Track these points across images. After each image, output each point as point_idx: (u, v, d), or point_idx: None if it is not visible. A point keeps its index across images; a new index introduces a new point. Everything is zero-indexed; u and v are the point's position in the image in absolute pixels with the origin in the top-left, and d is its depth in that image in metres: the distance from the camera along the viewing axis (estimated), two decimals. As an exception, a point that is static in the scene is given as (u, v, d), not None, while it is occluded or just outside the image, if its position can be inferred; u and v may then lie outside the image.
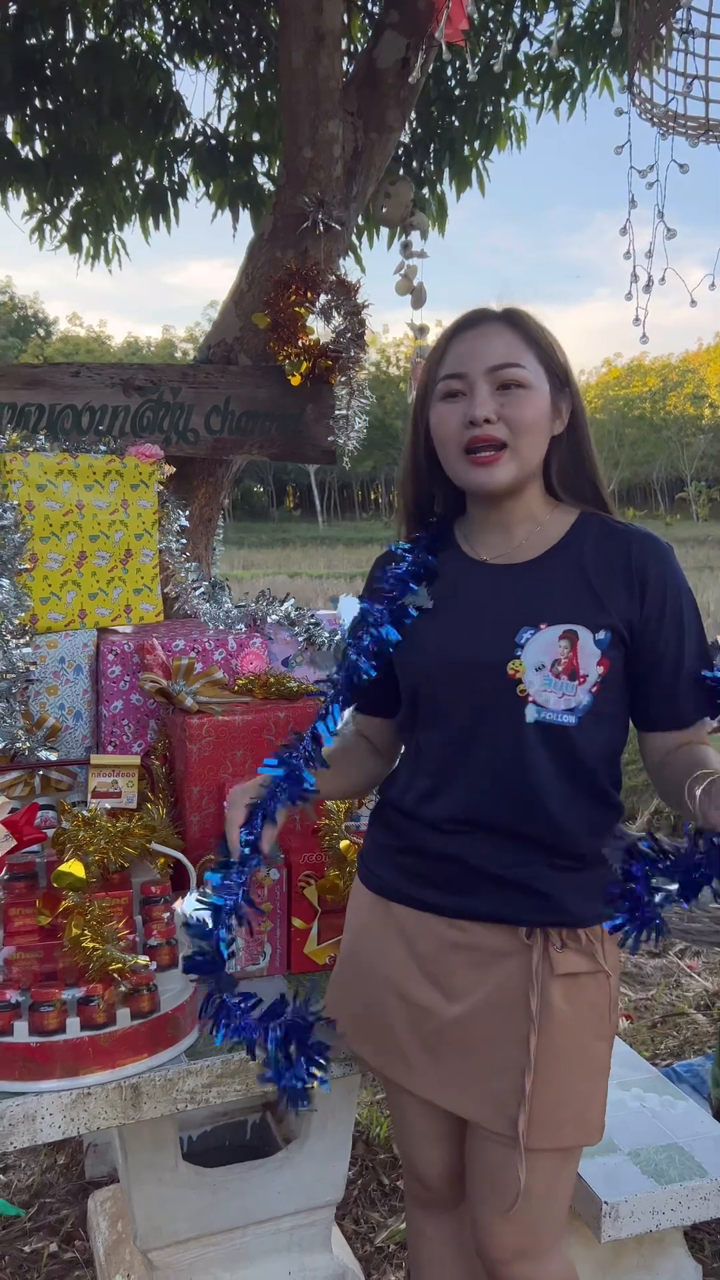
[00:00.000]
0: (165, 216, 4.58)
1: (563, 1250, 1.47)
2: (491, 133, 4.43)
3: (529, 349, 1.37)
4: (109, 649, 2.16)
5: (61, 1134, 1.52)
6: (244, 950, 1.86)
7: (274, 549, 30.39)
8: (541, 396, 1.36)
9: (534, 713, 1.33)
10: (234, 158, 4.27)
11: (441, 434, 1.40)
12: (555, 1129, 1.37)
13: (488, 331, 1.38)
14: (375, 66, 2.59)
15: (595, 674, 1.32)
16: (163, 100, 4.26)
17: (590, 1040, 1.38)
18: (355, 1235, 2.27)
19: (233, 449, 2.59)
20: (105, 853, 1.62)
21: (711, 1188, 1.85)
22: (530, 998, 1.35)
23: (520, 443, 1.36)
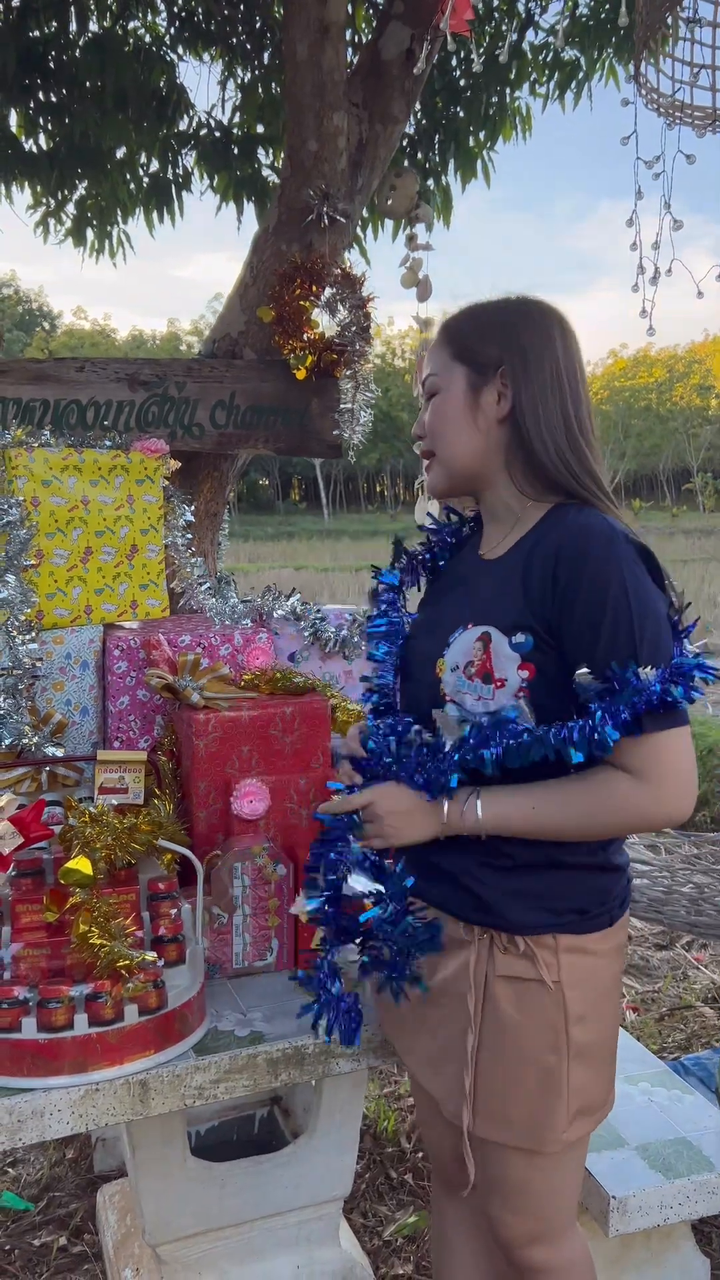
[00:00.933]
0: (169, 210, 4.58)
1: (576, 1230, 1.48)
2: (497, 123, 4.41)
3: (447, 350, 1.42)
4: (115, 645, 2.16)
5: (70, 1130, 1.52)
6: (251, 945, 1.86)
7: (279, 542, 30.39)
8: (452, 396, 1.41)
9: (454, 711, 1.32)
10: (238, 150, 4.26)
11: None
12: (504, 1125, 1.35)
13: (429, 352, 1.48)
14: (380, 58, 2.57)
15: (517, 679, 1.26)
16: (166, 93, 4.25)
17: (541, 1052, 1.33)
18: (363, 1229, 2.27)
19: (238, 443, 2.58)
20: (112, 849, 1.62)
21: (719, 1182, 1.85)
22: (468, 994, 1.35)
23: (437, 447, 1.44)
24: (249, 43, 4.26)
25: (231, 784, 1.94)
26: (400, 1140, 2.57)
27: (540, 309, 1.40)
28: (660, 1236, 1.97)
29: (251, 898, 1.84)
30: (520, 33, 4.24)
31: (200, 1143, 2.26)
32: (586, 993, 1.34)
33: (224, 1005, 1.76)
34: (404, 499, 57.92)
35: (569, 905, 1.34)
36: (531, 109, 4.48)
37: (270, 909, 1.85)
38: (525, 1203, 1.39)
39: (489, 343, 1.38)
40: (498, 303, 1.41)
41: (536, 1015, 1.32)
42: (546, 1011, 1.32)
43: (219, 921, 1.83)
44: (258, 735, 1.98)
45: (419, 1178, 2.44)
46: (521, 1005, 1.33)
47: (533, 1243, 1.42)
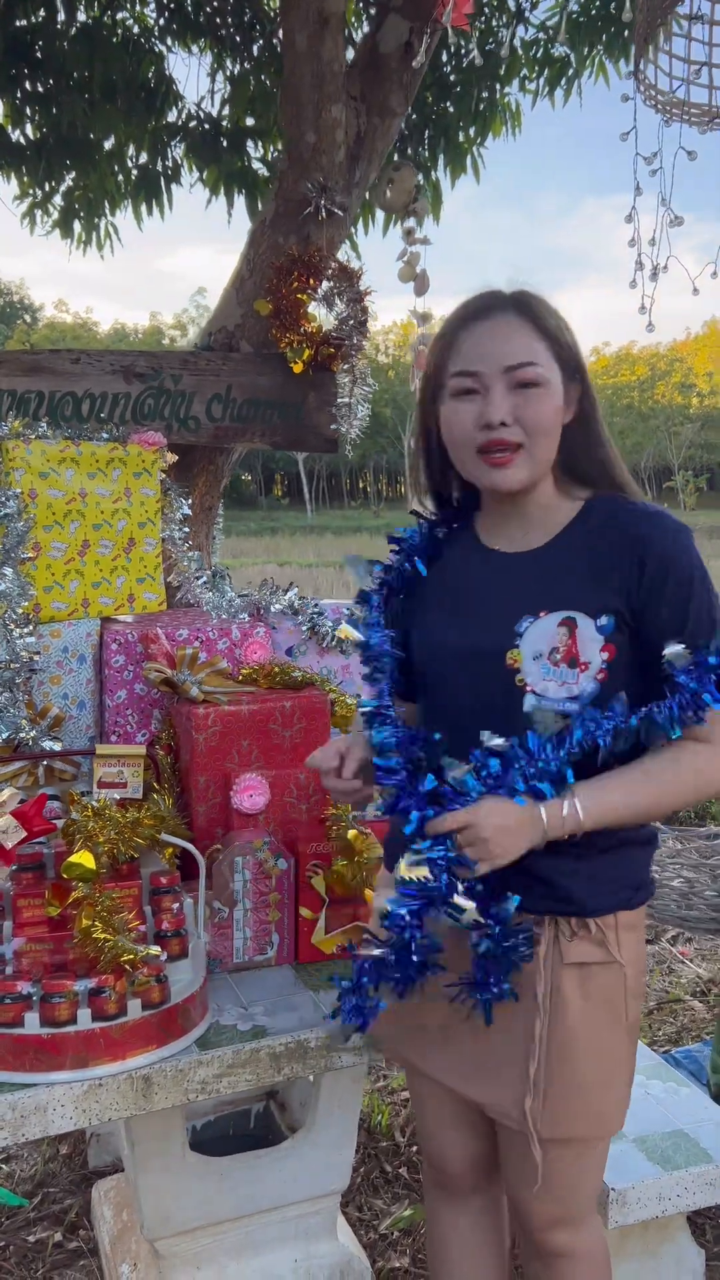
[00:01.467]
0: (159, 202, 4.55)
1: (597, 1217, 1.51)
2: (487, 119, 4.41)
3: (542, 341, 1.34)
4: (112, 638, 2.15)
5: (73, 1125, 1.52)
6: (251, 940, 1.86)
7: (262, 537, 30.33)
8: (555, 393, 1.35)
9: (532, 702, 1.32)
10: (227, 142, 4.24)
11: (455, 433, 1.38)
12: (567, 1119, 1.37)
13: (500, 325, 1.35)
14: (378, 50, 2.56)
15: (599, 660, 1.30)
16: (155, 84, 4.22)
17: (602, 1031, 1.37)
18: (359, 1222, 2.28)
19: (234, 437, 2.57)
20: (115, 843, 1.61)
21: (717, 1173, 1.86)
22: (537, 985, 1.35)
23: (535, 444, 1.35)
24: (238, 34, 4.23)
25: (231, 778, 1.93)
26: (394, 1134, 2.58)
27: None
28: (657, 1228, 1.98)
29: (252, 892, 1.84)
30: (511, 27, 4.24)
31: (196, 1138, 2.26)
32: (638, 968, 1.40)
33: (225, 999, 1.76)
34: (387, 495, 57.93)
35: (629, 882, 1.38)
36: (521, 105, 4.49)
37: (271, 903, 1.85)
38: (554, 1189, 1.41)
39: (570, 341, 1.37)
40: (550, 302, 1.39)
41: (600, 998, 1.36)
42: (610, 992, 1.36)
43: (219, 916, 1.83)
44: (257, 730, 1.98)
45: (413, 1171, 2.44)
46: (587, 990, 1.35)
47: (556, 1226, 1.44)
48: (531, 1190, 1.41)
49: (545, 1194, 1.42)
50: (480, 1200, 1.62)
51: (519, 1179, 1.45)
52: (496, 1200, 1.64)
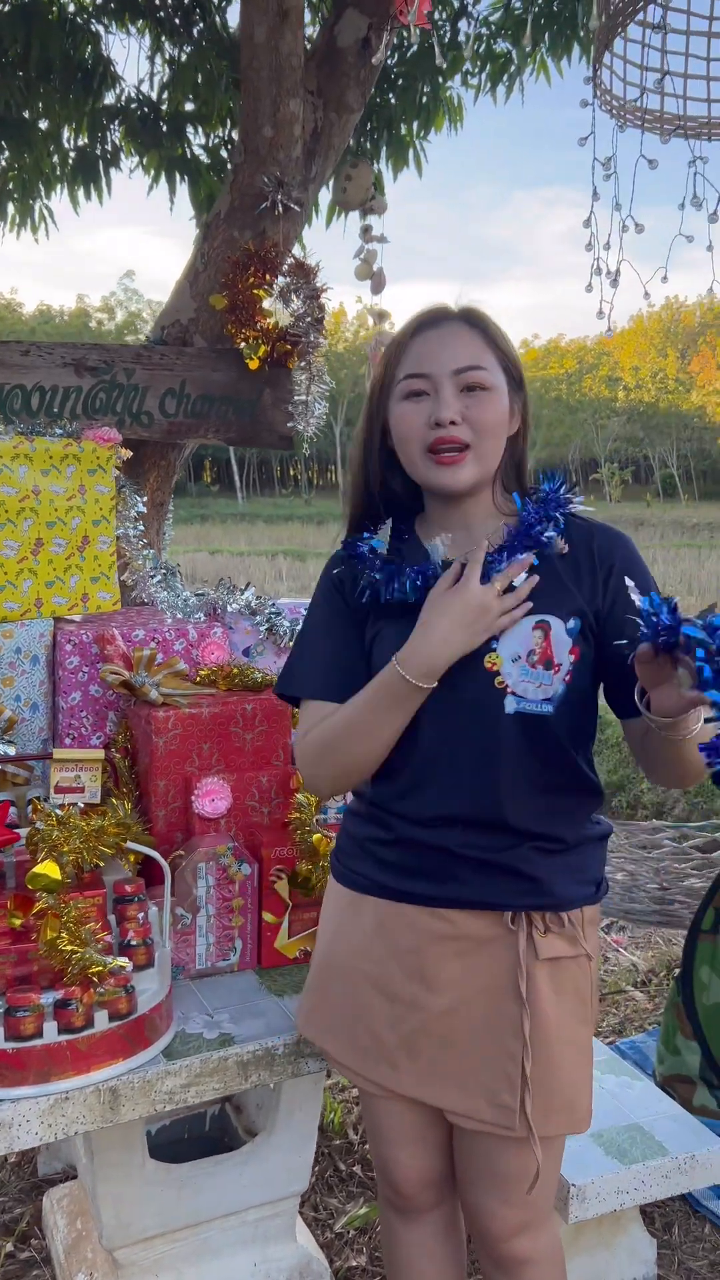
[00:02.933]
0: (96, 186, 4.46)
1: (555, 1219, 1.53)
2: (430, 113, 4.41)
3: (490, 351, 1.40)
4: (66, 639, 2.11)
5: (38, 1140, 1.49)
6: (214, 946, 1.84)
7: (192, 525, 29.97)
8: (502, 398, 1.39)
9: (513, 703, 1.35)
10: (167, 127, 4.17)
11: (403, 433, 1.41)
12: (545, 1115, 1.39)
13: (451, 332, 1.40)
14: (335, 45, 2.54)
15: (567, 662, 1.36)
16: (92, 64, 4.13)
17: (574, 1024, 1.41)
18: (315, 1222, 2.28)
19: (188, 433, 2.53)
20: (80, 852, 1.58)
21: (672, 1166, 1.91)
22: (519, 981, 1.36)
23: (483, 445, 1.38)
24: (178, 17, 4.16)
25: (192, 782, 1.91)
26: (347, 1132, 2.58)
27: None
28: (611, 1221, 2.02)
29: (216, 898, 1.82)
30: (452, 23, 4.24)
31: (151, 1143, 2.23)
32: (597, 961, 1.45)
33: (190, 1007, 1.74)
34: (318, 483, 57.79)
35: (592, 877, 1.43)
36: (463, 100, 4.50)
37: (234, 909, 1.84)
38: (521, 1192, 1.41)
39: (515, 356, 1.42)
40: (491, 317, 1.43)
41: (571, 991, 1.39)
42: (579, 985, 1.41)
43: (182, 923, 1.81)
44: (218, 732, 1.96)
45: (367, 1169, 2.45)
46: (559, 984, 1.38)
47: (520, 1233, 1.44)
48: (511, 1197, 1.42)
49: (513, 1199, 1.43)
50: (436, 1216, 1.60)
51: (487, 1186, 1.44)
52: (452, 1215, 1.62)
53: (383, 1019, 1.45)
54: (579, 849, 1.41)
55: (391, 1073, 1.46)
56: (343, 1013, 1.50)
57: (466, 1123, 1.42)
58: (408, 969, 1.43)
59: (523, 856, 1.37)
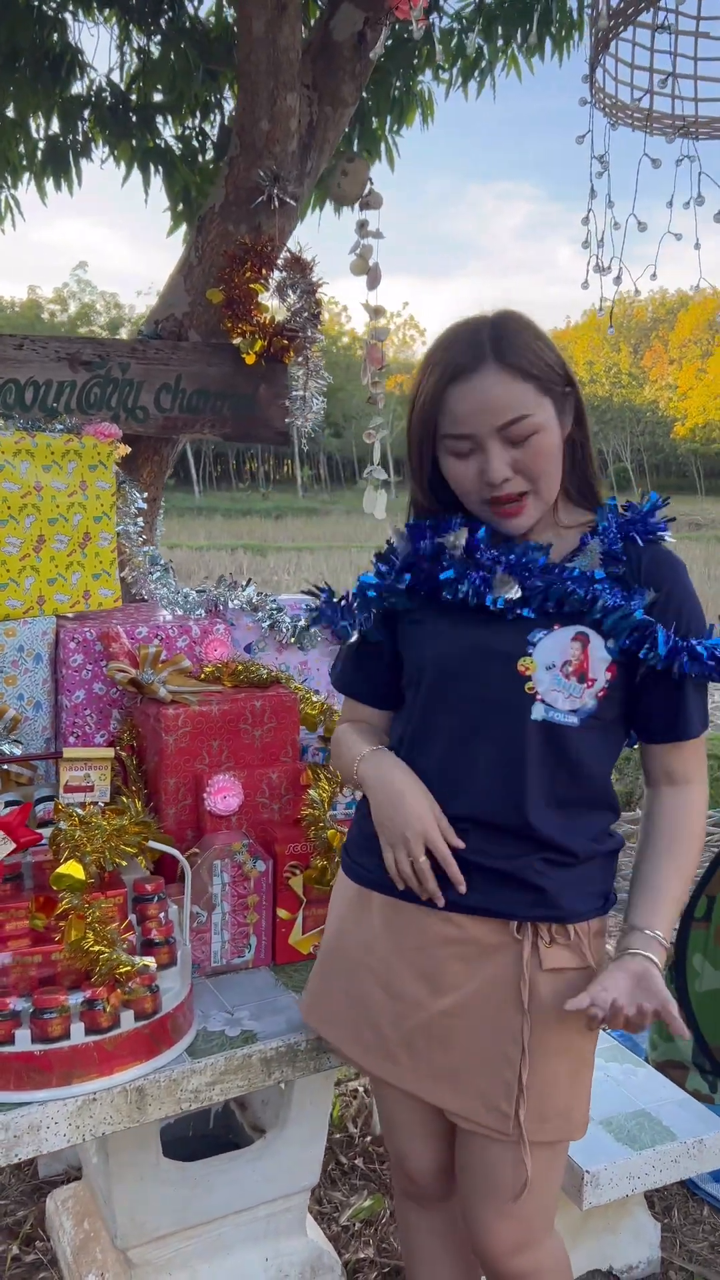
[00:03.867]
0: (66, 176, 4.40)
1: (556, 1231, 1.51)
2: (404, 107, 4.42)
3: (530, 385, 1.33)
4: (69, 637, 2.09)
5: (67, 1142, 1.48)
6: (229, 943, 1.84)
7: (150, 519, 29.67)
8: (552, 433, 1.35)
9: (540, 710, 1.35)
10: (136, 118, 4.13)
11: (460, 487, 1.40)
12: (541, 1122, 1.39)
13: (486, 383, 1.32)
14: (331, 39, 2.53)
15: (603, 679, 1.35)
16: (60, 52, 4.07)
17: (574, 1035, 1.40)
18: (320, 1216, 2.29)
19: (183, 428, 2.52)
20: (102, 852, 1.57)
21: (681, 1150, 1.94)
22: (521, 990, 1.37)
23: (539, 487, 1.37)
24: (146, 7, 4.11)
25: (202, 780, 1.90)
26: (347, 1126, 2.60)
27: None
28: (617, 1206, 2.05)
29: (231, 895, 1.82)
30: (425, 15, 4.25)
31: (157, 1141, 2.23)
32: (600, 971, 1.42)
33: (208, 1005, 1.74)
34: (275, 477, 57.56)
35: (601, 890, 1.42)
36: (434, 95, 4.51)
37: (249, 905, 1.84)
38: (523, 1206, 1.41)
39: (555, 367, 1.37)
40: (526, 320, 1.38)
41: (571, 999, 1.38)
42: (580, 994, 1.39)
43: (198, 920, 1.80)
44: (228, 730, 1.96)
45: (369, 1162, 2.47)
46: (561, 995, 1.37)
47: (520, 1251, 1.43)
48: (502, 1207, 1.41)
49: (511, 1212, 1.42)
50: (452, 1204, 1.61)
51: (483, 1195, 1.43)
52: None
53: (386, 1014, 1.46)
54: (589, 863, 1.41)
55: (393, 1067, 1.47)
56: (346, 1004, 1.51)
57: (463, 1123, 1.43)
58: (412, 967, 1.44)
59: (532, 867, 1.37)
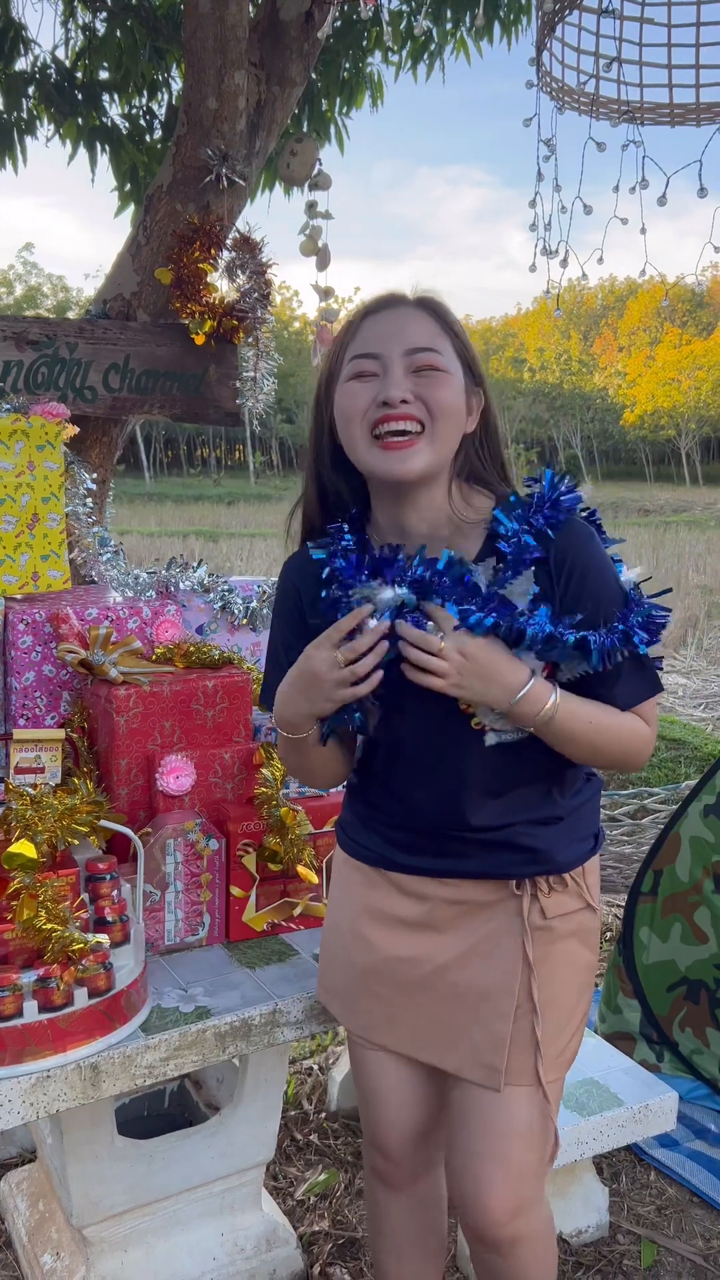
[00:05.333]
0: (10, 154, 4.33)
1: (545, 1197, 1.51)
2: (353, 89, 4.41)
3: (445, 336, 1.33)
4: (18, 618, 2.07)
5: (20, 1120, 1.48)
6: (183, 921, 1.85)
7: (100, 505, 29.32)
8: (458, 383, 1.32)
9: (493, 738, 1.36)
10: (82, 96, 4.07)
11: (348, 412, 1.32)
12: (545, 1068, 1.42)
13: (405, 314, 1.33)
14: (278, 17, 2.52)
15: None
16: (3, 28, 4.01)
17: (579, 975, 1.46)
18: (276, 1191, 2.31)
19: (132, 409, 2.50)
20: (54, 831, 1.57)
21: (627, 1116, 1.99)
22: (525, 943, 1.41)
23: (438, 427, 1.30)
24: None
25: (154, 760, 1.91)
26: (302, 1102, 2.62)
27: None
28: (566, 1172, 2.09)
29: (184, 874, 1.83)
30: (374, -1, 4.23)
31: (112, 1121, 2.23)
32: (600, 910, 1.53)
33: (162, 982, 1.75)
34: (226, 463, 57.17)
35: (589, 832, 1.48)
36: (384, 77, 4.51)
37: (202, 884, 1.85)
38: (521, 1162, 1.41)
39: (470, 351, 1.36)
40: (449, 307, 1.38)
41: (579, 939, 1.45)
42: (586, 933, 1.46)
43: (151, 899, 1.81)
44: (179, 710, 1.96)
45: (324, 1138, 2.49)
46: (568, 935, 1.43)
47: (515, 1216, 1.42)
48: (486, 1172, 1.41)
49: (506, 1172, 1.42)
50: (421, 1188, 1.63)
51: (483, 1154, 1.42)
52: (436, 1190, 1.64)
53: (386, 977, 1.49)
54: (572, 814, 1.45)
55: (391, 1029, 1.50)
56: (348, 974, 1.54)
57: (460, 1081, 1.46)
58: (412, 929, 1.47)
59: (520, 832, 1.40)
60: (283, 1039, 1.71)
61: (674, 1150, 2.38)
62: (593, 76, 2.23)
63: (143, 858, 1.66)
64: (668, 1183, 2.33)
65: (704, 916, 2.57)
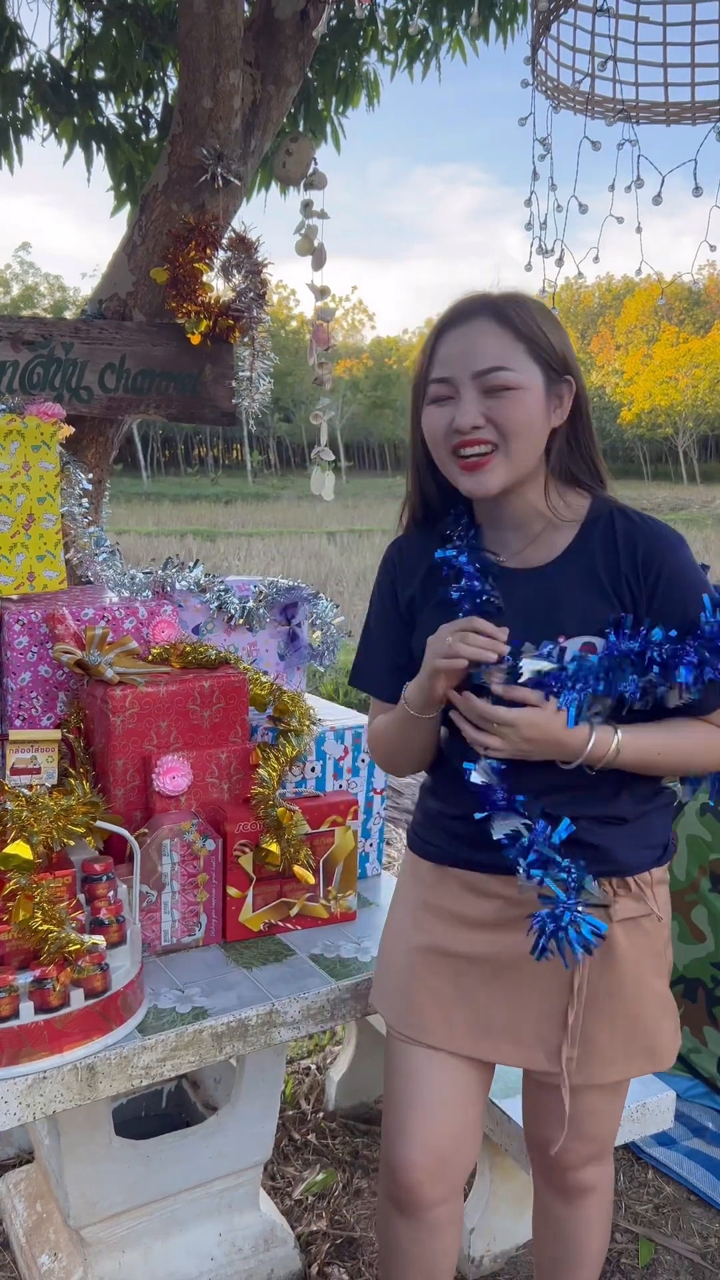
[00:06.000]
0: (6, 154, 4.33)
1: (612, 1153, 1.64)
2: (349, 88, 4.41)
3: (519, 345, 1.35)
4: (14, 619, 2.07)
5: (17, 1121, 1.48)
6: (179, 922, 1.85)
7: (97, 505, 29.30)
8: (533, 395, 1.35)
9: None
10: (78, 95, 4.07)
11: (432, 436, 1.41)
12: (624, 1061, 1.48)
13: (475, 330, 1.36)
14: (273, 16, 2.52)
15: None
16: (-1, 28, 4.00)
17: (649, 977, 1.48)
18: (274, 1191, 2.31)
19: (128, 408, 2.50)
20: (50, 832, 1.56)
21: (625, 1114, 1.99)
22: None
23: (511, 445, 1.35)
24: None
25: (151, 760, 1.90)
26: (300, 1103, 2.62)
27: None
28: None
29: (180, 874, 1.83)
30: (372, -1, 4.24)
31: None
32: (668, 919, 1.52)
33: (159, 983, 1.75)
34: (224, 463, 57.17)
35: (658, 841, 1.49)
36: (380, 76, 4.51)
37: (199, 884, 1.85)
38: (597, 1128, 1.54)
39: (555, 343, 1.38)
40: (538, 301, 1.40)
41: (646, 948, 1.47)
42: (653, 941, 1.48)
43: (148, 900, 1.81)
44: (176, 710, 1.95)
45: (321, 1137, 2.49)
46: (633, 943, 1.45)
47: (588, 1163, 1.57)
48: (580, 1129, 1.54)
49: (589, 1134, 1.55)
50: (435, 1213, 1.56)
51: (556, 1125, 1.53)
52: (453, 1218, 1.60)
53: (445, 977, 1.52)
54: (641, 820, 1.46)
55: (447, 1030, 1.51)
56: (403, 973, 1.56)
57: (531, 1075, 1.53)
58: (479, 925, 1.49)
59: (585, 829, 1.41)
60: (279, 1039, 1.71)
61: (672, 1149, 2.39)
62: (588, 75, 2.24)
63: (139, 858, 1.66)
64: (665, 1181, 2.33)
65: (701, 915, 2.57)
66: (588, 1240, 1.65)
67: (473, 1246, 2.08)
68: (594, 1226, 1.65)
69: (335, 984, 1.76)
